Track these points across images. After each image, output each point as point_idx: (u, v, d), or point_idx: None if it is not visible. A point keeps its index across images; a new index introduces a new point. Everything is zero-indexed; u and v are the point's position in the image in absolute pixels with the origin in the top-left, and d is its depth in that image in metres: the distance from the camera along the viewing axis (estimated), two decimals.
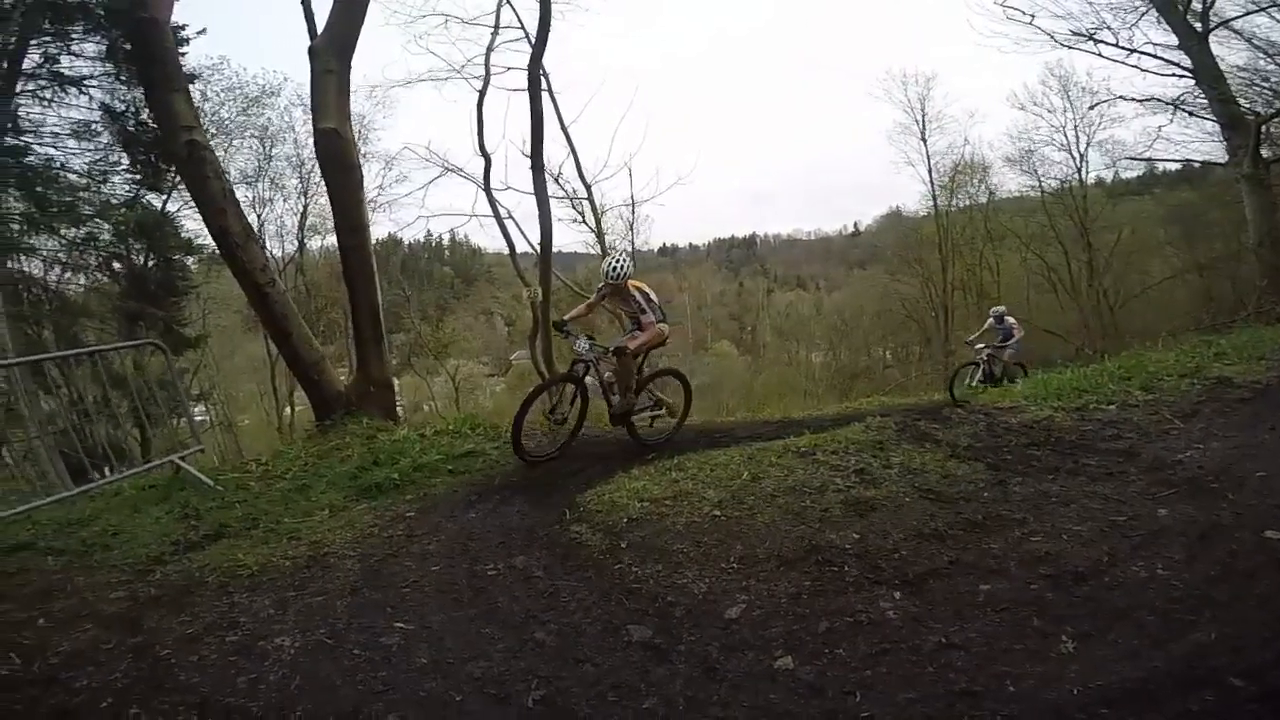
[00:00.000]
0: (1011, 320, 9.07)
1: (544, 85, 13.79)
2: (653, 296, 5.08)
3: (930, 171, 26.40)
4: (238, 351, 24.33)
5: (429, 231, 28.00)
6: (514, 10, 13.85)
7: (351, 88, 6.47)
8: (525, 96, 10.48)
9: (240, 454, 13.41)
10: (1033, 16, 16.41)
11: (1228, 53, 18.77)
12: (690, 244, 36.70)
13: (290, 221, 21.15)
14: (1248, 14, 15.73)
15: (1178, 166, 19.53)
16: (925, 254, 25.68)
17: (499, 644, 2.49)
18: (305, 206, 20.77)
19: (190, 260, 14.04)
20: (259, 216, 19.88)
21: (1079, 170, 23.04)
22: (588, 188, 18.51)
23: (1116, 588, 2.52)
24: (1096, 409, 4.85)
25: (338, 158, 6.08)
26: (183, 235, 13.27)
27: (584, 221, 19.45)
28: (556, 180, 18.17)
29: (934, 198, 26.49)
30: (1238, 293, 17.19)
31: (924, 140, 26.20)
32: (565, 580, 2.91)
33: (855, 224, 35.29)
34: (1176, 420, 4.52)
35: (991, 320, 9.17)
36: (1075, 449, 4.05)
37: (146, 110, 12.18)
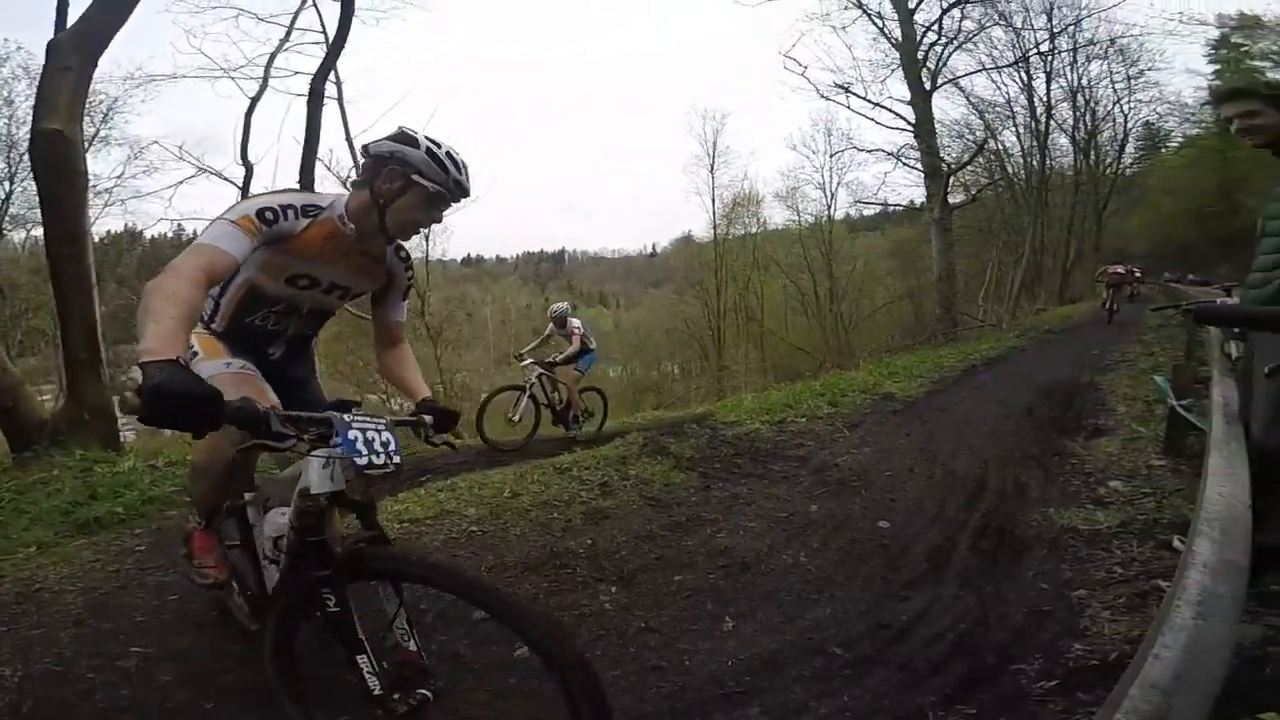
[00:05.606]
0: (576, 323, 6.63)
1: (335, 94, 12.99)
2: None
3: (714, 201, 29.63)
4: None
5: (180, 226, 24.14)
6: (319, 13, 12.95)
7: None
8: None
9: None
10: (805, 68, 19.09)
11: (952, 108, 23.45)
12: (498, 256, 36.41)
13: None
14: (969, 74, 19.98)
15: (902, 208, 24.00)
16: (706, 277, 28.67)
17: (250, 660, 2.52)
18: (10, 193, 17.16)
19: None
20: None
21: (829, 207, 27.52)
22: None
23: (770, 574, 3.15)
24: (792, 421, 5.97)
25: (60, 162, 5.30)
26: None
27: None
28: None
29: (714, 226, 29.74)
30: (922, 319, 21.93)
31: (712, 172, 29.38)
32: None
33: (654, 245, 38.06)
34: (845, 430, 5.79)
35: (551, 326, 6.84)
36: (768, 456, 4.95)
37: None
